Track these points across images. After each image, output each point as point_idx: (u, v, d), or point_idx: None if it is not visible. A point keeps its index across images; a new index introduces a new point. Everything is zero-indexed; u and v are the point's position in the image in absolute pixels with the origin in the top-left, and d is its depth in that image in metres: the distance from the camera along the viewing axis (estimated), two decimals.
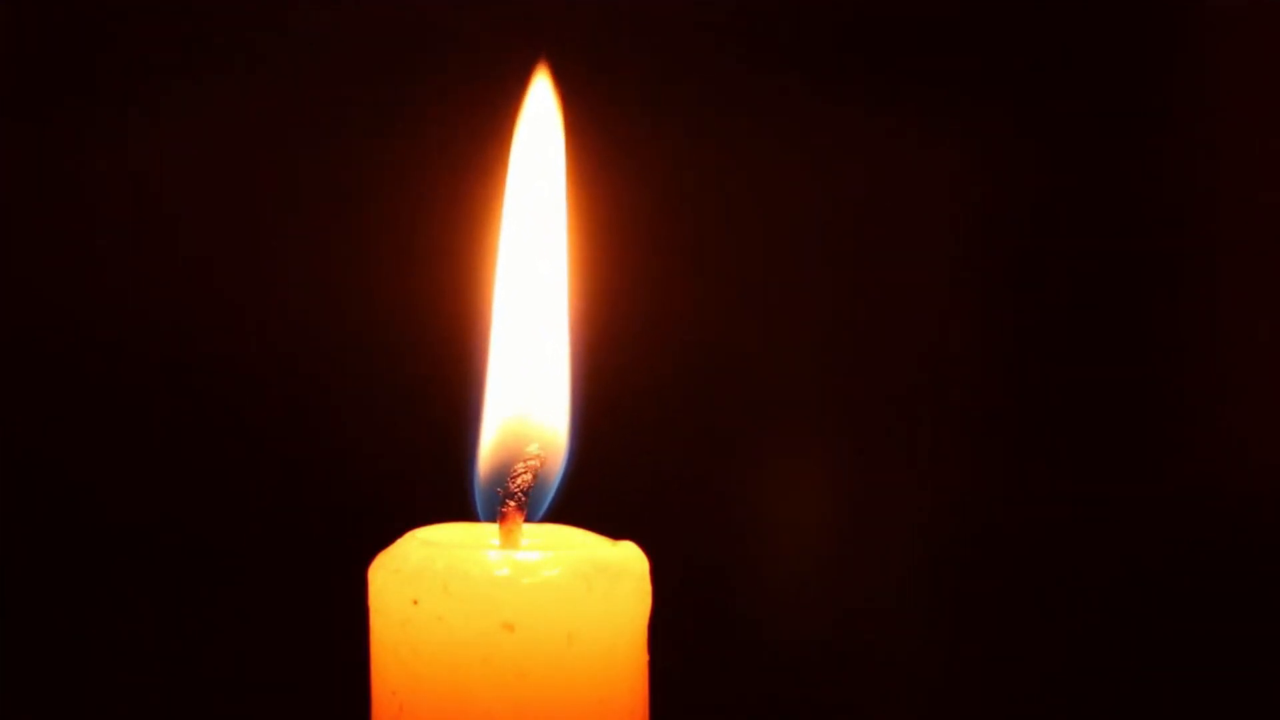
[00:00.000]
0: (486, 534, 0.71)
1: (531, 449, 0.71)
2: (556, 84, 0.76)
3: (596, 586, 0.68)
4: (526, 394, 0.72)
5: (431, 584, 0.68)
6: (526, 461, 0.70)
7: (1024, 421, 1.28)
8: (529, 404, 0.72)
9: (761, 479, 1.29)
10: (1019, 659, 1.28)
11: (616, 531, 0.71)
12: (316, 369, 1.27)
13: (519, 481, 0.70)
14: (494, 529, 0.70)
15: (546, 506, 0.71)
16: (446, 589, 0.67)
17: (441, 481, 0.84)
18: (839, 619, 1.29)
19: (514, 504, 0.70)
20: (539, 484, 0.70)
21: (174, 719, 1.27)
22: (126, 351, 1.26)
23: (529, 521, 0.70)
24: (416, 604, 0.68)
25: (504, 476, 0.70)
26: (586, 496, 0.72)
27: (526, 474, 0.70)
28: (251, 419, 1.27)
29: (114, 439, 1.27)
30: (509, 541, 0.70)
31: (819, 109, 1.27)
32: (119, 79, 1.26)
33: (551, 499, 0.72)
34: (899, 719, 1.29)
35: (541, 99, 0.75)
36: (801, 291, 1.28)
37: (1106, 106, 1.27)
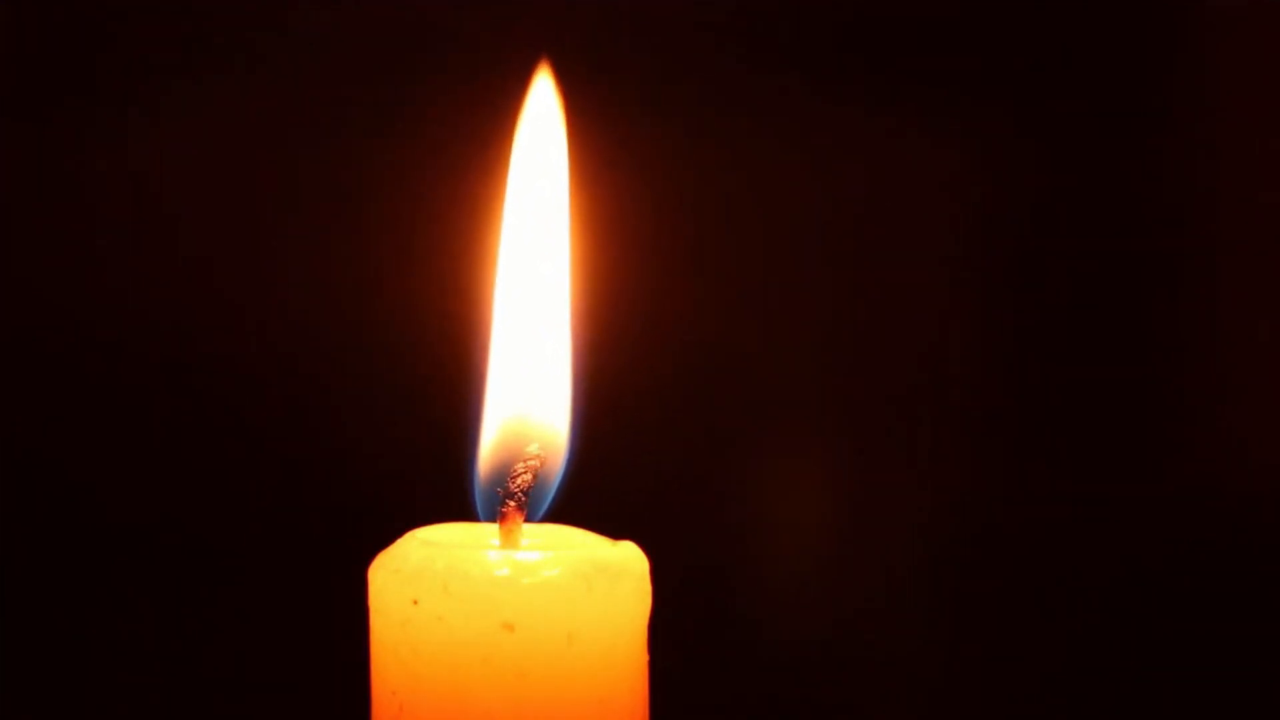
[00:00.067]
0: (486, 534, 0.71)
1: (531, 449, 0.70)
2: (557, 84, 0.76)
3: (596, 586, 0.68)
4: (527, 394, 0.72)
5: (431, 584, 0.68)
6: (526, 461, 0.70)
7: (1024, 421, 1.28)
8: (529, 404, 0.72)
9: (761, 479, 1.29)
10: (1019, 659, 1.28)
11: (616, 531, 0.71)
12: (316, 369, 1.27)
13: (519, 481, 0.70)
14: (494, 529, 0.70)
15: (546, 506, 0.71)
16: (446, 589, 0.67)
17: (441, 481, 0.84)
18: (839, 619, 1.29)
19: (514, 504, 0.70)
20: (539, 484, 0.70)
21: (174, 719, 1.27)
22: (126, 351, 1.26)
23: (529, 521, 0.70)
24: (416, 604, 0.68)
25: (504, 476, 0.70)
26: (586, 496, 0.72)
27: (526, 474, 0.70)
28: (251, 419, 1.27)
29: (114, 439, 1.26)
30: (509, 541, 0.70)
31: (819, 109, 1.27)
32: (119, 79, 1.26)
33: (551, 499, 0.71)
34: (899, 719, 1.29)
35: (543, 99, 0.75)
36: (801, 291, 1.28)
37: (1106, 106, 1.27)
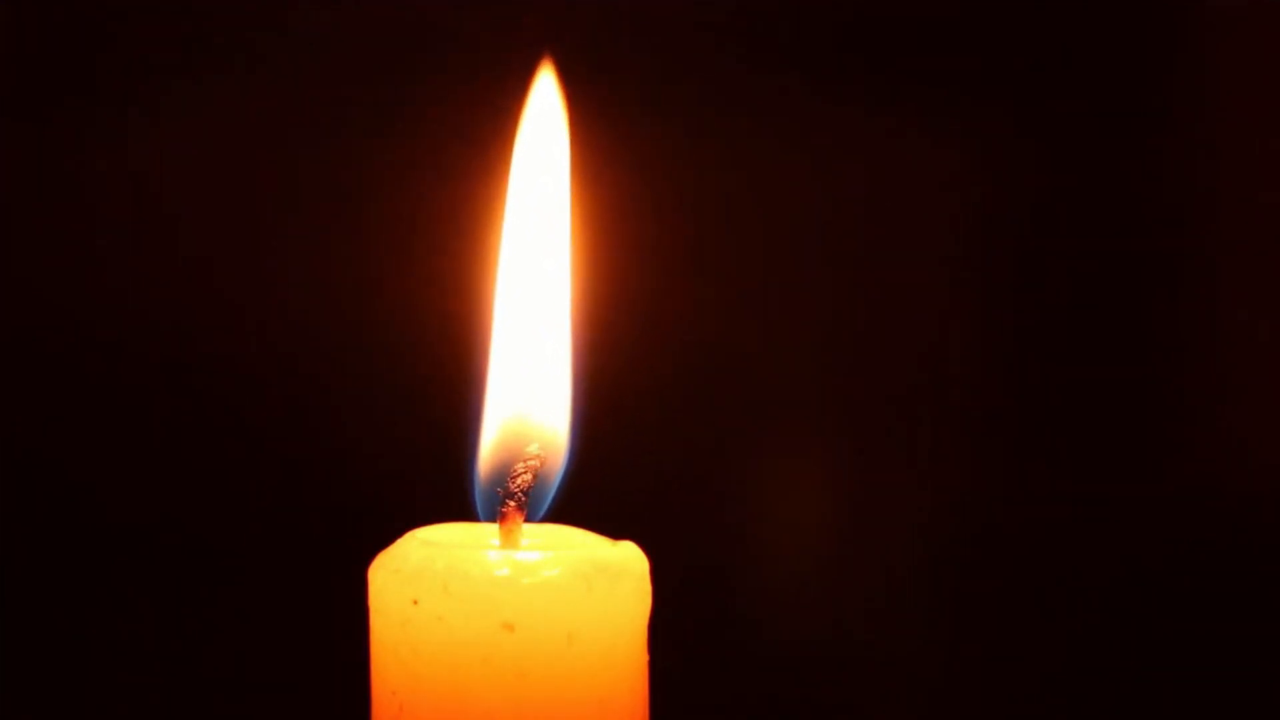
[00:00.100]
0: (486, 534, 0.71)
1: (531, 449, 0.70)
2: (558, 83, 0.76)
3: (596, 586, 0.68)
4: (527, 394, 0.72)
5: (431, 584, 0.68)
6: (526, 461, 0.70)
7: (1024, 421, 1.28)
8: (529, 404, 0.72)
9: (761, 479, 1.29)
10: (1019, 659, 1.28)
11: (616, 531, 0.71)
12: (316, 369, 1.27)
13: (519, 481, 0.70)
14: (494, 529, 0.70)
15: (546, 506, 0.71)
16: (446, 589, 0.67)
17: (441, 481, 0.84)
18: (839, 619, 1.29)
19: (514, 504, 0.70)
20: (539, 484, 0.70)
21: (174, 719, 1.27)
22: (126, 351, 1.26)
23: (529, 521, 0.70)
24: (416, 604, 0.68)
25: (504, 476, 0.70)
26: (586, 496, 0.72)
27: (526, 474, 0.70)
28: (251, 419, 1.27)
29: (114, 439, 1.26)
30: (509, 541, 0.70)
31: (819, 109, 1.27)
32: (119, 79, 1.26)
33: (551, 499, 0.71)
34: (899, 719, 1.29)
35: (545, 98, 0.75)
36: (801, 291, 1.28)
37: (1106, 106, 1.27)
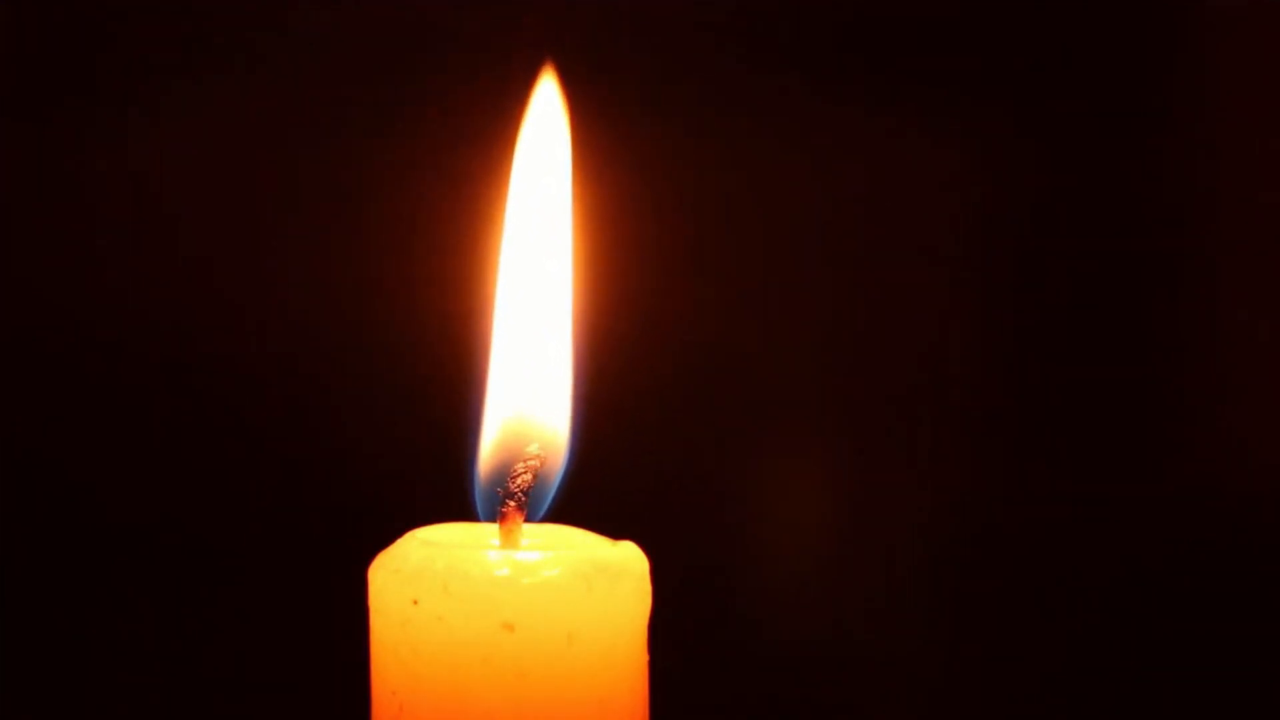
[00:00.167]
0: (486, 534, 0.71)
1: (531, 449, 0.70)
2: (558, 83, 0.76)
3: (596, 586, 0.68)
4: (527, 394, 0.72)
5: (431, 584, 0.68)
6: (526, 461, 0.70)
7: (1024, 421, 1.28)
8: (529, 404, 0.72)
9: (761, 479, 1.29)
10: (1019, 659, 1.28)
11: (616, 531, 0.71)
12: (316, 369, 1.27)
13: (519, 481, 0.70)
14: (494, 529, 0.70)
15: (546, 506, 0.71)
16: (446, 589, 0.67)
17: (441, 481, 0.84)
18: (839, 619, 1.29)
19: (514, 504, 0.70)
20: (539, 484, 0.70)
21: (174, 719, 1.27)
22: (126, 351, 1.26)
23: (529, 521, 0.70)
24: (416, 604, 0.68)
25: (504, 476, 0.70)
26: (586, 496, 0.72)
27: (526, 474, 0.70)
28: (251, 419, 1.27)
29: (114, 439, 1.26)
30: (509, 541, 0.70)
31: (819, 109, 1.27)
32: (119, 79, 1.26)
33: (551, 499, 0.71)
34: (899, 719, 1.29)
35: (546, 98, 0.75)
36: (801, 291, 1.28)
37: (1106, 106, 1.27)
